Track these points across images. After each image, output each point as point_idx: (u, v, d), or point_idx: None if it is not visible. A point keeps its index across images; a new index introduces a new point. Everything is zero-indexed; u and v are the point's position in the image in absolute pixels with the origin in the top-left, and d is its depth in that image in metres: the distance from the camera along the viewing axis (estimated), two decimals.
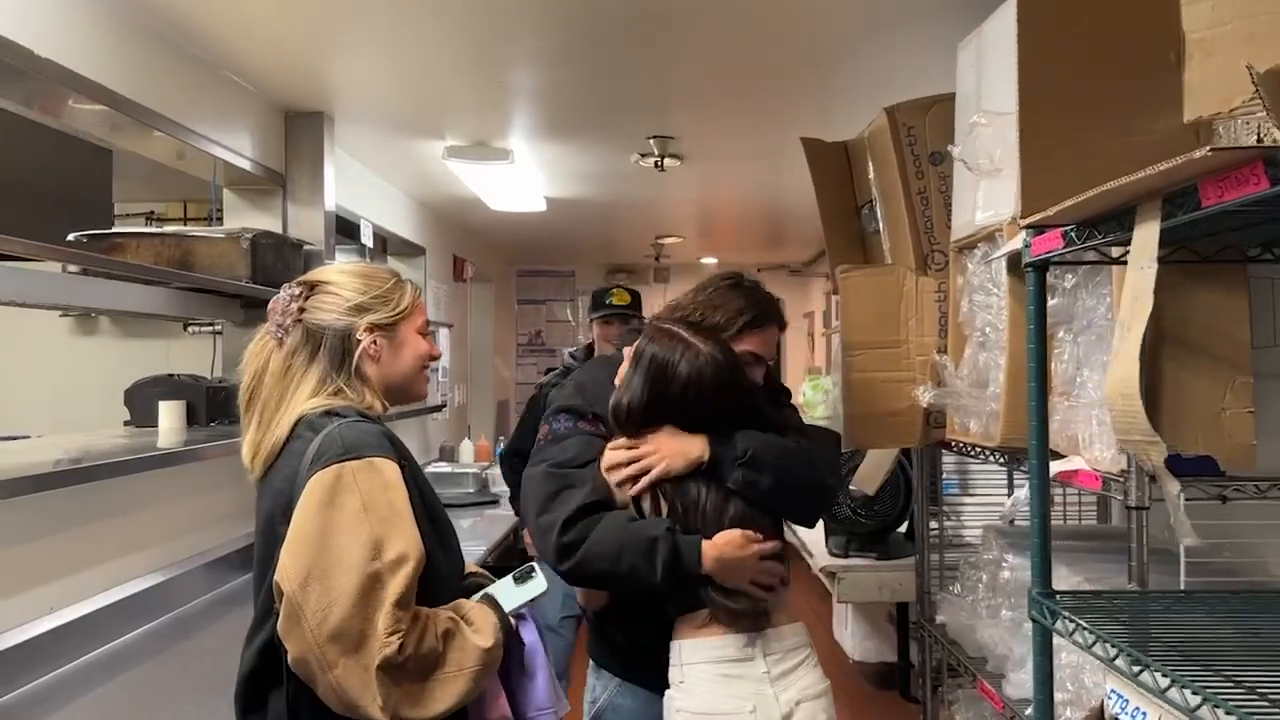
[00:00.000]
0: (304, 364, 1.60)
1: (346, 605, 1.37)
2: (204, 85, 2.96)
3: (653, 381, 1.82)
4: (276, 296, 1.63)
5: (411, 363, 1.70)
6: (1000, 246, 1.98)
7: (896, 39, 2.75)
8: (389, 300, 1.67)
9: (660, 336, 1.85)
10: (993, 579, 2.33)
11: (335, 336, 1.61)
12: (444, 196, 5.01)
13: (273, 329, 1.61)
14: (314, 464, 1.45)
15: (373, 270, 1.71)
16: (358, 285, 1.65)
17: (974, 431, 2.13)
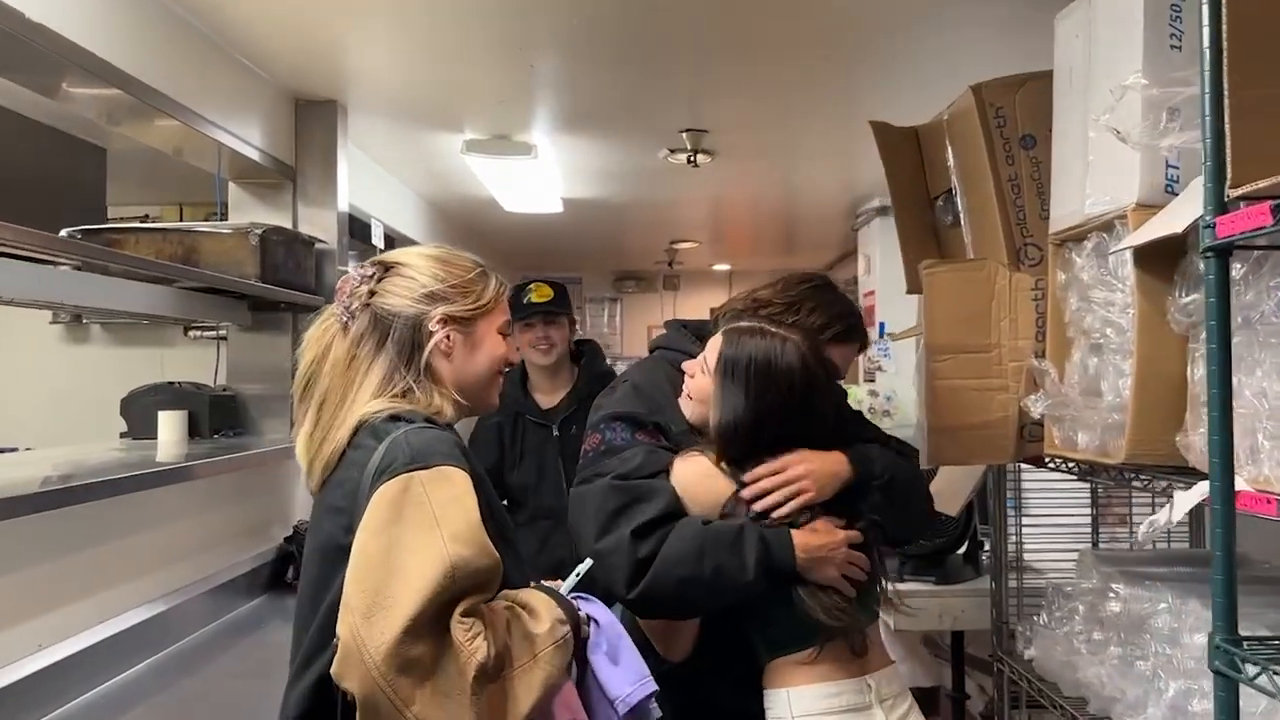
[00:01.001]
0: (370, 355, 1.44)
1: (417, 632, 1.17)
2: (210, 66, 2.72)
3: (760, 391, 1.59)
4: (346, 275, 1.49)
5: (487, 365, 1.54)
6: (1122, 237, 1.75)
7: (962, 14, 2.52)
8: (469, 291, 1.51)
9: (750, 336, 1.62)
10: (1091, 610, 2.09)
11: (405, 326, 1.45)
12: (455, 197, 4.77)
13: (339, 311, 1.46)
14: (379, 476, 1.29)
15: (455, 256, 1.55)
16: (436, 271, 1.50)
17: (1083, 446, 1.88)
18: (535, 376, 3.01)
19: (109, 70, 2.24)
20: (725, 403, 1.64)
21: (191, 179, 3.80)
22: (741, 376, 1.61)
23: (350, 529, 1.29)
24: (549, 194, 4.53)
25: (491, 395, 1.57)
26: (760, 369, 1.60)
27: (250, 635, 2.60)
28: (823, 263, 7.67)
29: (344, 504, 1.34)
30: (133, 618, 2.30)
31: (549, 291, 3.00)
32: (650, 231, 6.17)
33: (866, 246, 5.24)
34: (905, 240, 2.41)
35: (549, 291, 3.00)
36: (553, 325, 2.95)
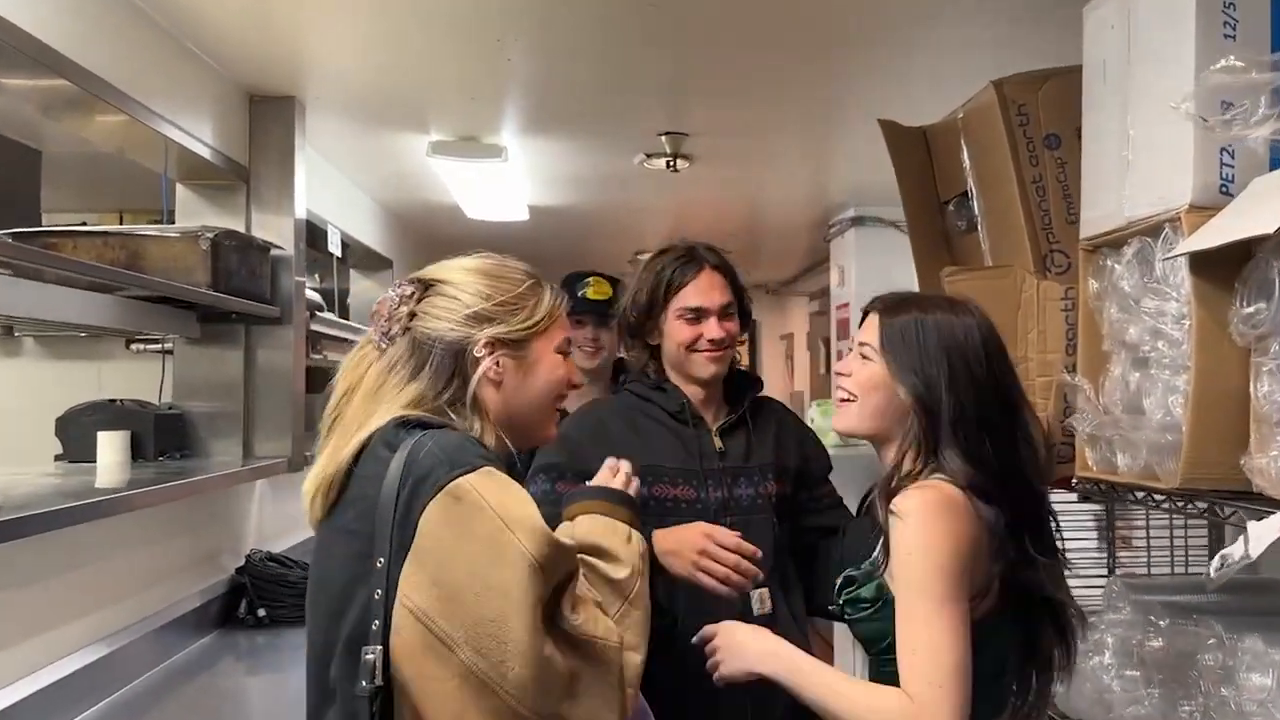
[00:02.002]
0: (402, 381, 1.30)
1: (538, 649, 1.11)
2: (158, 54, 2.50)
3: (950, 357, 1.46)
4: (383, 296, 1.34)
5: (544, 391, 1.38)
6: (1171, 241, 1.61)
7: (954, 12, 2.38)
8: (520, 308, 1.34)
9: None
10: (1123, 644, 1.95)
11: (447, 352, 1.30)
12: (417, 204, 4.56)
13: (376, 336, 1.32)
14: (415, 492, 1.16)
15: (504, 269, 1.37)
16: (482, 287, 1.33)
17: (1125, 468, 1.74)
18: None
19: (47, 54, 2.01)
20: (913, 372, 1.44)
21: (133, 184, 3.55)
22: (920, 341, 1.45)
23: (369, 554, 1.16)
24: (516, 201, 4.34)
25: (547, 427, 1.42)
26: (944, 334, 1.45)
27: (200, 677, 2.37)
28: (788, 274, 7.56)
29: (358, 526, 1.20)
30: (72, 663, 2.06)
31: (607, 289, 2.66)
32: (614, 242, 5.99)
33: (840, 257, 5.11)
34: (917, 248, 2.26)
35: (607, 289, 2.66)
36: (604, 327, 2.61)
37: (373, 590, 1.15)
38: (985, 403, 1.42)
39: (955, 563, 1.33)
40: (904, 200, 2.27)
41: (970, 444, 1.40)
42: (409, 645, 1.14)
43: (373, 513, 1.17)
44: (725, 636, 1.51)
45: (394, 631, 1.14)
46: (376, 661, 1.13)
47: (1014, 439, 1.44)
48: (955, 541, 1.34)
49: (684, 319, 1.88)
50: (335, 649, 1.19)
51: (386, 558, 1.15)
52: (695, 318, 1.88)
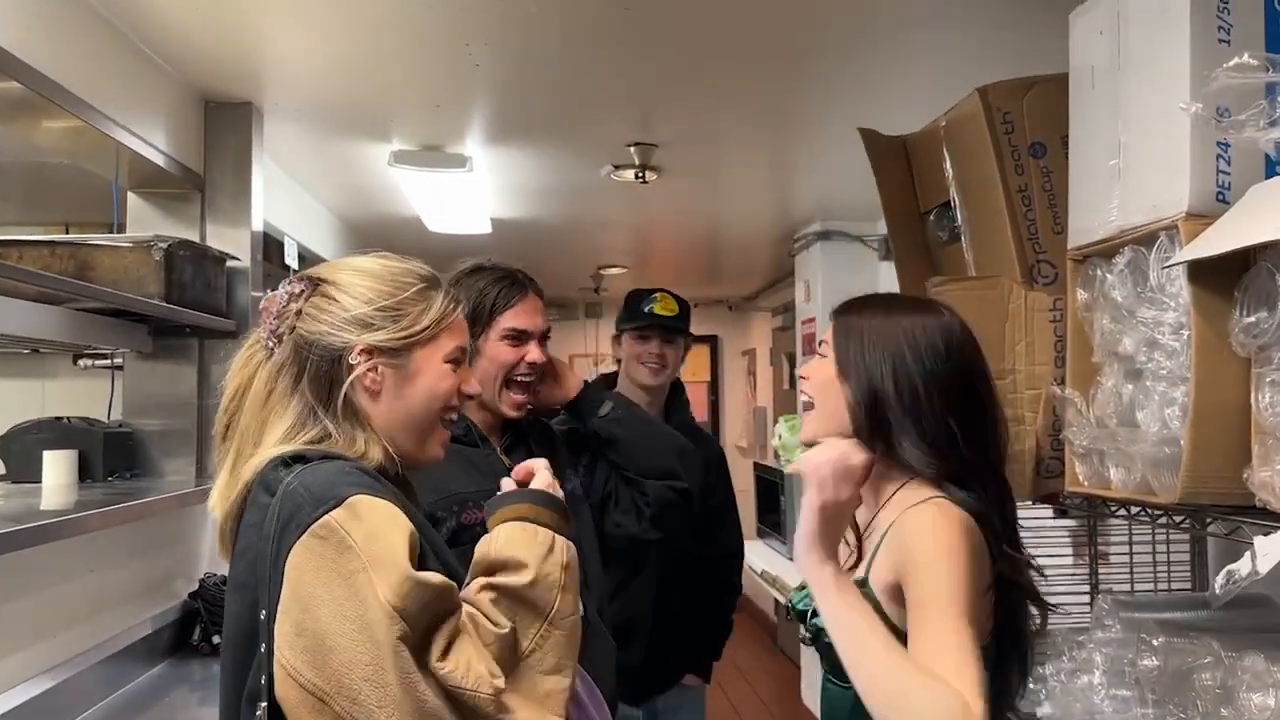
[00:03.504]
0: (285, 391, 1.23)
1: (414, 696, 1.02)
2: (109, 55, 2.39)
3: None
4: (273, 293, 1.26)
5: (425, 403, 1.27)
6: (1167, 249, 1.57)
7: (926, 17, 2.35)
8: (402, 314, 1.26)
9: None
10: (1113, 663, 1.90)
11: (323, 359, 1.22)
12: (376, 216, 4.45)
13: (263, 335, 1.25)
14: (281, 538, 1.09)
15: (396, 270, 1.29)
16: (366, 290, 1.25)
17: (1119, 483, 1.70)
18: (629, 395, 2.53)
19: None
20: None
21: (80, 194, 3.42)
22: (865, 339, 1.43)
23: (256, 605, 1.10)
24: (479, 213, 4.25)
25: (432, 445, 1.30)
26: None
27: (152, 709, 2.24)
28: (750, 289, 7.54)
29: (246, 578, 1.13)
30: (15, 697, 1.94)
31: (674, 306, 2.62)
32: (578, 256, 5.92)
33: (806, 272, 5.09)
34: (900, 257, 2.22)
35: (674, 306, 2.62)
36: (670, 345, 2.57)
37: (260, 643, 1.09)
38: (944, 395, 1.38)
39: (973, 592, 1.26)
40: (885, 211, 2.23)
41: (930, 434, 1.37)
42: (288, 701, 1.06)
43: (255, 564, 1.11)
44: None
45: (276, 686, 1.07)
46: (264, 718, 1.07)
47: (982, 430, 1.40)
48: (973, 560, 1.28)
49: (507, 340, 1.85)
50: (238, 705, 1.13)
51: (268, 609, 1.08)
52: (519, 339, 1.86)
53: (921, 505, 1.34)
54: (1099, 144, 1.76)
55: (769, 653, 6.71)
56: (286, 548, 1.07)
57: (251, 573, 1.11)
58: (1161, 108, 1.56)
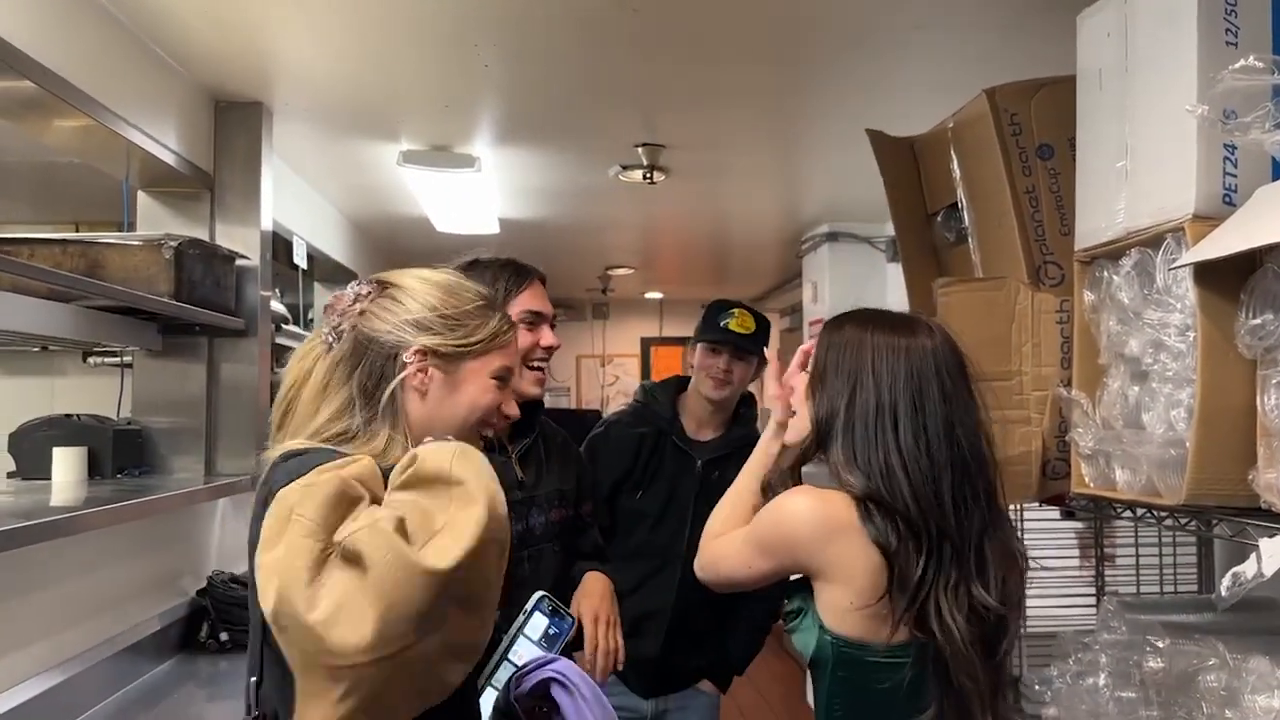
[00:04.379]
0: (340, 382, 1.28)
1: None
2: (120, 55, 2.40)
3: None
4: (340, 292, 1.34)
5: (465, 413, 1.34)
6: (1173, 251, 1.58)
7: (936, 19, 2.35)
8: (461, 325, 1.34)
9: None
10: (1118, 665, 1.90)
11: (379, 354, 1.29)
12: (384, 216, 4.47)
13: (325, 330, 1.31)
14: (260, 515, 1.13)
15: (461, 285, 1.38)
16: (431, 298, 1.33)
17: (1124, 485, 1.70)
18: (694, 404, 2.58)
19: (5, 50, 1.91)
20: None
21: (90, 194, 3.44)
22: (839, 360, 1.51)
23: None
24: (487, 213, 4.26)
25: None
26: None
27: (160, 705, 2.26)
28: (758, 291, 7.53)
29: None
30: (24, 692, 1.95)
31: (751, 324, 2.54)
32: (586, 257, 5.93)
33: (813, 273, 5.09)
34: (907, 258, 2.22)
35: (751, 324, 2.54)
36: (740, 361, 2.51)
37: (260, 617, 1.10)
38: (889, 422, 1.42)
39: (781, 535, 1.44)
40: (893, 212, 2.23)
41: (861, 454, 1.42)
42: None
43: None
44: None
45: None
46: (251, 690, 1.15)
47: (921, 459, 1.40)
48: (797, 525, 1.42)
49: (523, 324, 1.84)
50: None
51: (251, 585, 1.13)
52: (534, 322, 1.88)
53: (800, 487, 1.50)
54: (1106, 146, 1.76)
55: (776, 655, 6.70)
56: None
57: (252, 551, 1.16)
58: (1168, 110, 1.56)
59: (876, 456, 1.40)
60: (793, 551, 1.44)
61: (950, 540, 1.38)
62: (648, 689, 2.46)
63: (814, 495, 1.43)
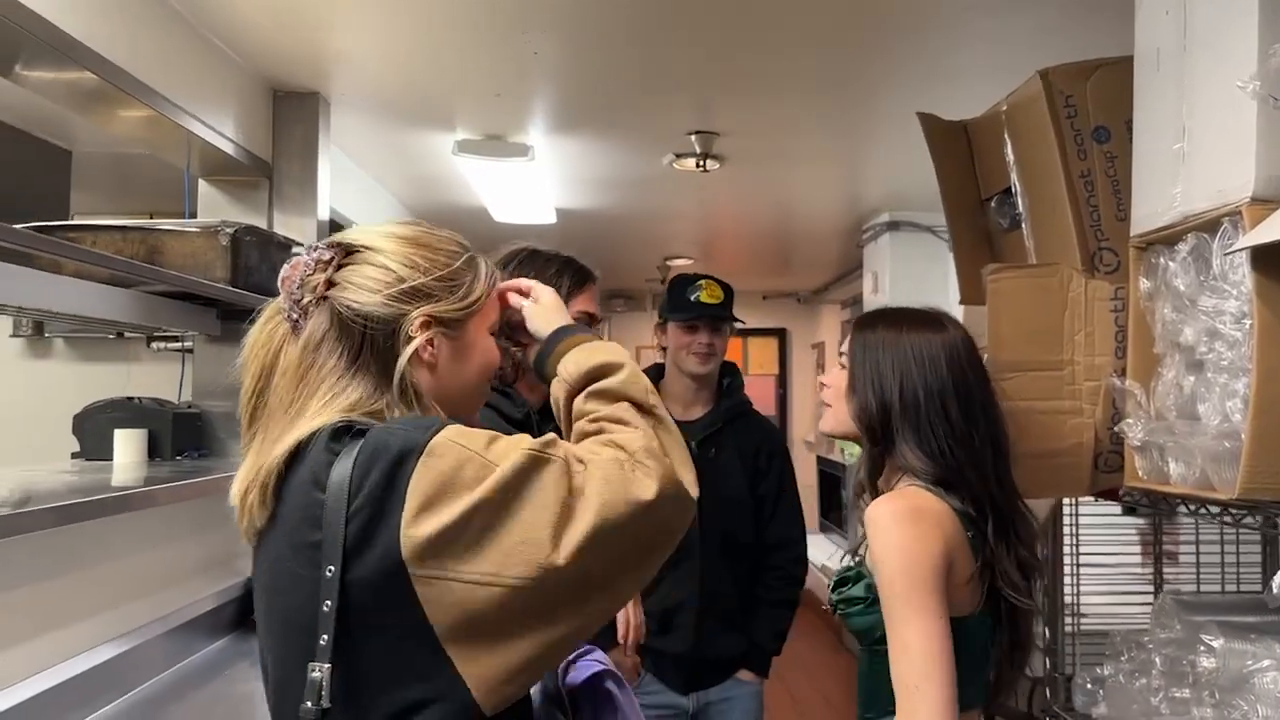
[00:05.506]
0: (341, 366, 1.13)
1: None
2: (181, 47, 2.46)
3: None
4: (293, 260, 1.17)
5: (479, 375, 1.24)
6: (1231, 236, 1.52)
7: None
8: (457, 284, 1.19)
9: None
10: (1172, 664, 1.84)
11: (382, 331, 1.14)
12: (443, 205, 4.52)
13: (286, 306, 1.15)
14: (391, 480, 1.01)
15: (434, 237, 1.22)
16: (413, 257, 1.17)
17: (1177, 478, 1.64)
18: (677, 385, 2.58)
19: (71, 45, 1.98)
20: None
21: (162, 185, 3.53)
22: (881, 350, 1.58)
23: (328, 560, 1.02)
24: (543, 203, 4.28)
25: (476, 409, 1.29)
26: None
27: (214, 682, 2.30)
28: (820, 282, 7.46)
29: (314, 536, 1.04)
30: (84, 662, 1.99)
31: (720, 292, 2.56)
32: (644, 247, 5.93)
33: (874, 263, 5.02)
34: (959, 246, 2.18)
35: (720, 292, 2.56)
36: (717, 333, 2.53)
37: (321, 603, 1.02)
38: (942, 407, 1.53)
39: (926, 568, 1.39)
40: (944, 198, 2.18)
41: (924, 441, 1.51)
42: (486, 615, 1.01)
43: (321, 520, 1.03)
44: None
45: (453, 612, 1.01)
46: (323, 680, 1.01)
47: (971, 438, 1.53)
48: (925, 546, 1.40)
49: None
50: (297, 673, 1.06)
51: (337, 566, 1.02)
52: (588, 324, 1.87)
53: (877, 502, 1.48)
54: (1163, 127, 1.70)
55: (834, 651, 6.65)
56: (405, 478, 1.01)
57: (316, 527, 1.03)
58: (1227, 89, 1.50)
59: (938, 442, 1.51)
60: (937, 568, 1.40)
61: (1001, 509, 1.52)
62: (685, 684, 2.45)
63: (896, 503, 1.48)
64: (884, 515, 1.44)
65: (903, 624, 1.38)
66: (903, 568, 1.39)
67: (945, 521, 1.46)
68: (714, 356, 2.53)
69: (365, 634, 1.02)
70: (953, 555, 1.43)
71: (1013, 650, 1.56)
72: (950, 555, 1.43)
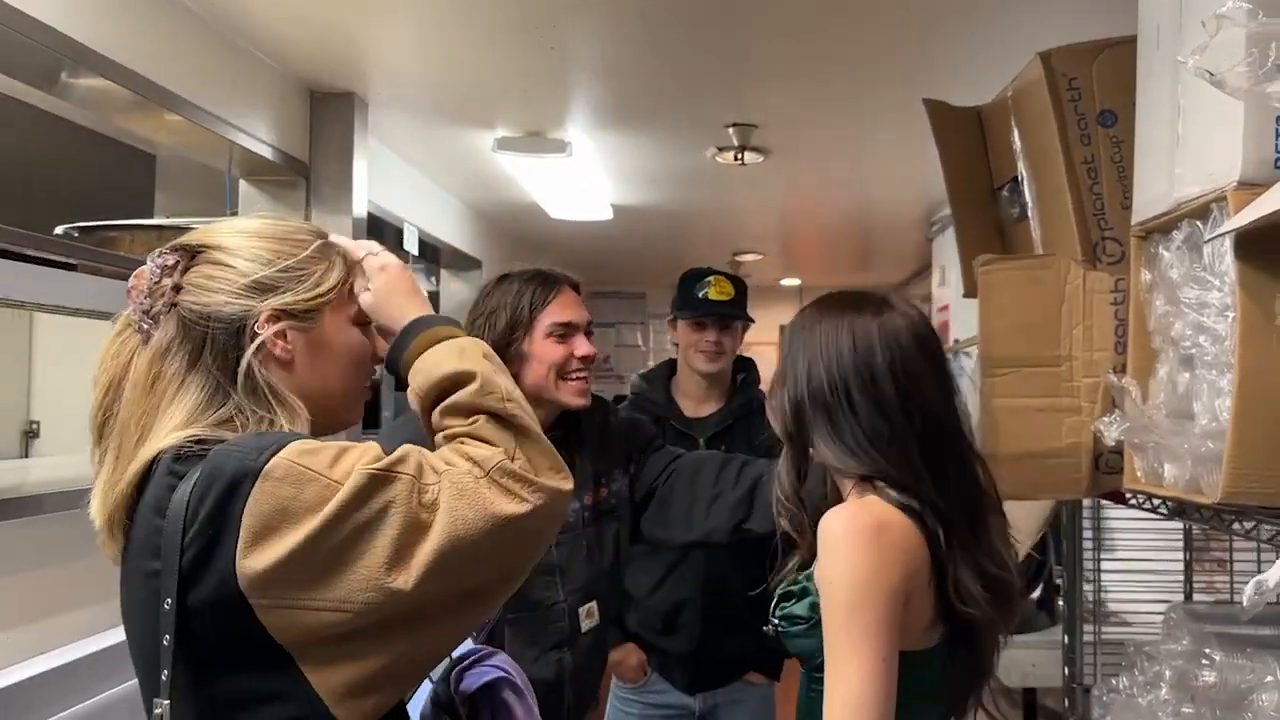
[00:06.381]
0: (180, 372, 1.08)
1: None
2: (217, 58, 2.56)
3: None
4: (139, 269, 1.12)
5: (342, 369, 1.18)
6: (1219, 222, 1.42)
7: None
8: (307, 274, 1.14)
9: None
10: (1180, 677, 1.74)
11: (225, 330, 1.09)
12: (501, 203, 4.56)
13: (135, 317, 1.10)
14: (223, 505, 0.97)
15: (285, 229, 1.17)
16: (260, 251, 1.13)
17: (1170, 480, 1.55)
18: (687, 382, 2.53)
19: (109, 65, 2.11)
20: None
21: (207, 187, 3.67)
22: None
23: (165, 592, 0.98)
24: (595, 199, 4.29)
25: (354, 409, 1.22)
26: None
27: None
28: (899, 277, 7.30)
29: (153, 565, 1.00)
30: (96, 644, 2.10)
31: (729, 289, 2.49)
32: (710, 242, 5.88)
33: (941, 257, 4.89)
34: (964, 237, 2.10)
35: (729, 289, 2.49)
36: (727, 331, 2.48)
37: (161, 637, 0.98)
38: (845, 397, 1.37)
39: (878, 601, 1.23)
40: (949, 187, 2.11)
41: (838, 434, 1.37)
42: (308, 640, 0.99)
43: (162, 546, 0.99)
44: None
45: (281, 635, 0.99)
46: (164, 716, 0.98)
47: (883, 431, 1.36)
48: (880, 575, 1.24)
49: (553, 337, 1.79)
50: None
51: (173, 598, 0.98)
52: (565, 333, 1.80)
53: (836, 511, 1.31)
54: (1162, 109, 1.60)
55: None
56: (238, 505, 0.96)
57: (157, 555, 1.00)
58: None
59: (851, 434, 1.36)
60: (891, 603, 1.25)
61: (942, 511, 1.34)
62: (691, 684, 2.42)
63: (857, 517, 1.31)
64: (838, 529, 1.28)
65: (841, 661, 1.23)
66: (849, 599, 1.23)
67: (911, 546, 1.30)
68: (723, 355, 2.47)
69: (212, 662, 1.00)
70: (912, 587, 1.28)
71: (970, 673, 1.42)
72: (909, 586, 1.28)
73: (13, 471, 2.94)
